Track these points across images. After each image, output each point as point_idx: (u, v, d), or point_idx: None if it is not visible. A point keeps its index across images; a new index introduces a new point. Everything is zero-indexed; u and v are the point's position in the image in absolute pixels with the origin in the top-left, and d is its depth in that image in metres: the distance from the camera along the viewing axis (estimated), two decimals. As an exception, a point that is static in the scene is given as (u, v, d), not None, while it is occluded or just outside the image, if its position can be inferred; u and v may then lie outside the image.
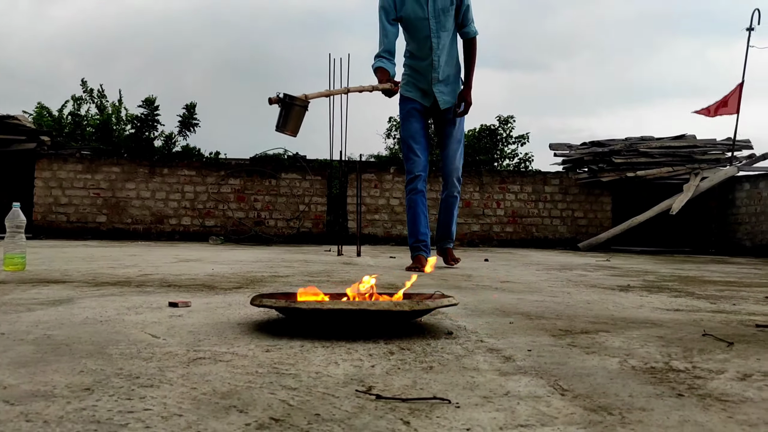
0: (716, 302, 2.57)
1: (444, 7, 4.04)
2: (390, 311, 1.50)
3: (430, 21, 4.04)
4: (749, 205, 9.37)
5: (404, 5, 4.03)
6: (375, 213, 10.24)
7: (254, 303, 1.63)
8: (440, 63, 4.13)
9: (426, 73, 4.17)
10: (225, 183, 10.04)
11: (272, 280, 3.17)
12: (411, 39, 4.15)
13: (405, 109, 4.27)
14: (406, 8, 4.03)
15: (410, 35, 4.14)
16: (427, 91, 4.21)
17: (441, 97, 4.20)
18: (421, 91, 4.23)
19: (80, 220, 9.72)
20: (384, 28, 4.03)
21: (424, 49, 4.11)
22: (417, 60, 4.17)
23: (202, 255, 5.54)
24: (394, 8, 4.03)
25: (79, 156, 9.91)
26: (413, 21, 4.05)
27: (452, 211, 4.42)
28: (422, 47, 4.11)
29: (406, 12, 4.04)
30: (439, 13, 4.03)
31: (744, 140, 10.14)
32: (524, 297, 2.59)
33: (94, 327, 1.62)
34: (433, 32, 4.06)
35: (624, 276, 4.03)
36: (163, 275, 3.27)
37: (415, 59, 4.18)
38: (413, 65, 4.21)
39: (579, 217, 10.57)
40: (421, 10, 4.02)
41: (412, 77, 4.24)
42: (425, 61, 4.14)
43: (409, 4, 4.02)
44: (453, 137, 4.32)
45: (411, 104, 4.24)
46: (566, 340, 1.59)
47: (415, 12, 4.02)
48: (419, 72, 4.19)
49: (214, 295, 2.42)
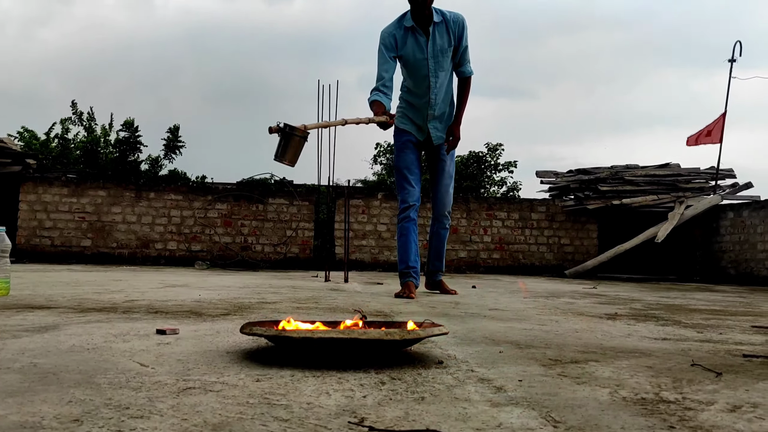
0: (703, 331, 2.58)
1: (443, 48, 4.10)
2: (381, 340, 1.49)
3: (429, 61, 4.10)
4: (733, 233, 9.47)
5: (405, 45, 4.09)
6: (362, 239, 10.23)
7: (244, 331, 1.62)
8: (437, 101, 4.20)
9: (422, 110, 4.24)
10: (212, 208, 10.01)
11: (260, 306, 3.15)
12: (409, 76, 4.22)
13: (401, 141, 4.33)
14: (406, 48, 4.09)
15: (409, 73, 4.20)
16: (422, 127, 4.28)
17: (435, 133, 4.30)
18: (416, 125, 4.30)
19: (64, 244, 9.63)
20: (381, 61, 4.08)
21: (421, 87, 4.18)
22: (414, 96, 4.24)
23: (189, 280, 5.50)
24: (394, 47, 4.09)
25: (64, 179, 9.85)
26: (412, 60, 4.12)
27: (443, 243, 4.51)
28: (420, 85, 4.18)
29: (405, 51, 4.10)
30: (438, 53, 4.10)
31: (727, 169, 10.28)
32: (513, 325, 2.59)
33: (82, 355, 1.60)
34: (432, 72, 4.13)
35: (611, 304, 4.05)
36: (149, 301, 3.24)
37: (412, 95, 4.25)
38: (410, 100, 4.28)
39: (566, 244, 10.62)
40: (421, 51, 4.09)
41: (408, 111, 4.31)
42: (422, 99, 4.21)
43: (409, 44, 4.08)
44: (445, 172, 4.39)
45: (407, 136, 4.31)
46: (556, 369, 1.59)
47: (415, 52, 4.09)
48: (415, 108, 4.26)
49: (202, 322, 2.40)
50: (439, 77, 4.16)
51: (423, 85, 4.17)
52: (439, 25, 4.09)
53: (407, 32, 4.09)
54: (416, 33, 4.08)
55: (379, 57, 4.09)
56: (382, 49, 4.09)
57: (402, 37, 4.09)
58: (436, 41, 4.08)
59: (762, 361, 1.82)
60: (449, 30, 4.11)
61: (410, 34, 4.08)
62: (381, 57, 4.08)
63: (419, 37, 4.08)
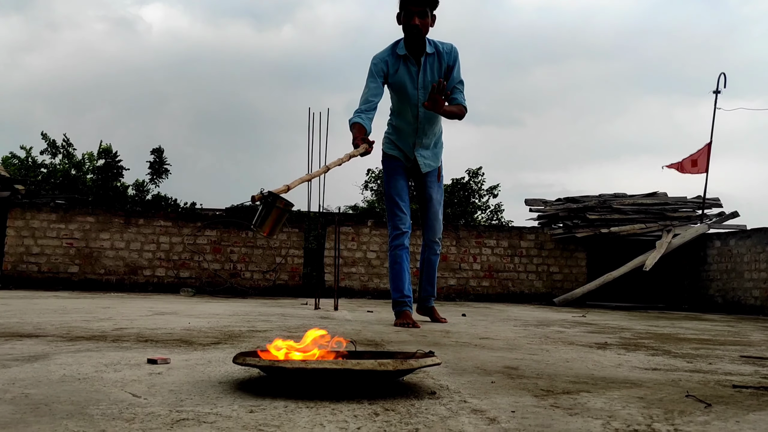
0: (693, 361, 2.60)
1: (433, 79, 4.07)
2: (374, 371, 1.50)
3: (418, 91, 4.09)
4: (720, 262, 9.54)
5: (396, 73, 4.08)
6: (352, 266, 10.22)
7: (237, 361, 1.62)
8: (424, 131, 4.21)
9: (408, 137, 4.24)
10: (201, 234, 9.99)
11: (250, 335, 3.14)
12: (398, 103, 4.21)
13: (390, 167, 4.32)
14: (397, 76, 4.08)
15: (398, 100, 4.19)
16: (408, 155, 4.30)
17: (422, 161, 4.30)
18: (403, 152, 4.31)
19: (51, 270, 9.55)
20: (369, 85, 4.02)
21: (409, 115, 4.18)
22: (402, 122, 4.24)
23: (178, 308, 5.47)
24: (385, 73, 4.06)
25: (53, 205, 9.81)
26: (402, 89, 4.11)
27: (434, 269, 4.51)
28: (408, 113, 4.18)
29: (396, 79, 4.09)
30: (428, 84, 4.07)
31: (713, 198, 10.40)
32: (504, 354, 2.60)
33: (73, 385, 1.59)
34: (420, 102, 4.10)
35: (601, 333, 4.06)
36: (139, 329, 3.22)
37: (400, 121, 4.25)
38: (397, 126, 4.28)
39: (554, 272, 10.66)
40: (411, 81, 4.08)
41: (395, 137, 4.31)
42: (410, 126, 4.21)
43: (400, 73, 4.07)
44: (434, 199, 4.39)
45: (396, 162, 4.31)
46: (549, 400, 1.60)
47: (405, 81, 4.08)
48: (402, 134, 4.26)
49: (193, 351, 2.39)
50: None
51: (411, 114, 4.17)
52: (431, 56, 4.08)
53: (399, 60, 4.07)
54: (408, 62, 4.07)
55: (369, 81, 4.02)
56: (373, 73, 4.03)
57: (393, 64, 4.07)
58: (426, 72, 4.08)
59: (752, 392, 1.84)
60: (441, 62, 4.10)
61: (402, 62, 4.07)
62: (371, 81, 4.02)
63: (411, 66, 4.07)
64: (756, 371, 2.35)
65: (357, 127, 3.89)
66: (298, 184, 3.29)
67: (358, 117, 3.94)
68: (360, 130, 3.87)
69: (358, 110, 3.96)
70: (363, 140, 3.78)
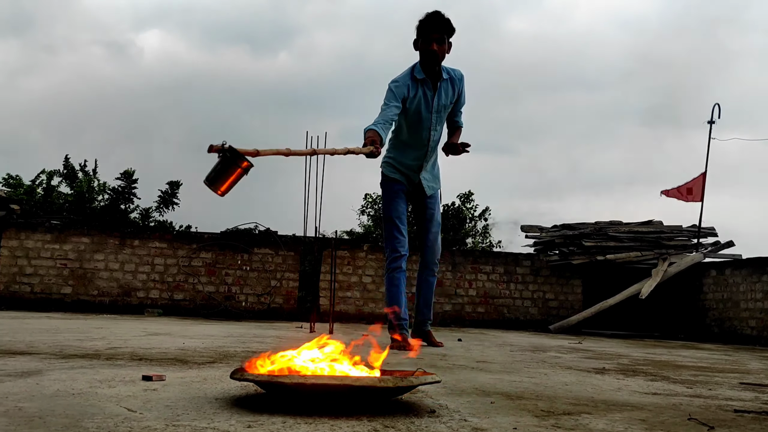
0: (692, 387, 2.58)
1: (446, 104, 4.16)
2: (374, 387, 1.48)
3: (432, 115, 4.13)
4: (716, 291, 9.53)
5: (415, 98, 4.08)
6: (347, 290, 10.17)
7: (234, 377, 1.59)
8: (431, 154, 4.26)
9: (415, 161, 4.24)
10: (196, 256, 9.94)
11: (245, 355, 3.11)
12: (408, 128, 4.19)
13: (391, 190, 4.30)
14: (415, 100, 4.08)
15: (408, 125, 4.17)
16: (413, 178, 4.29)
17: (426, 183, 4.31)
18: (406, 176, 4.29)
19: (44, 291, 9.48)
20: (389, 104, 3.97)
21: (419, 140, 4.19)
22: (409, 147, 4.23)
23: (172, 329, 5.42)
24: (405, 97, 4.03)
25: (48, 225, 9.76)
26: (416, 113, 4.11)
27: (432, 291, 4.46)
28: (418, 139, 4.19)
29: (413, 104, 4.08)
30: (441, 108, 4.14)
31: (709, 227, 10.42)
32: (502, 377, 2.58)
33: (67, 400, 1.57)
34: (433, 126, 4.15)
35: (598, 359, 4.03)
36: (132, 348, 3.18)
37: (406, 146, 4.24)
38: (403, 150, 4.25)
39: (550, 298, 10.62)
40: (426, 105, 4.10)
41: (398, 162, 4.28)
42: (419, 151, 4.21)
43: (419, 98, 4.09)
44: (434, 220, 4.40)
45: (397, 185, 4.29)
46: (550, 420, 1.58)
47: (420, 106, 4.09)
48: (408, 157, 4.25)
49: (188, 369, 2.36)
50: (437, 131, 4.21)
51: (422, 138, 4.18)
52: (445, 81, 4.14)
53: (417, 84, 4.09)
54: (425, 86, 4.09)
55: (389, 101, 3.98)
56: (395, 95, 4.00)
57: (413, 88, 4.08)
58: (441, 97, 4.13)
59: (753, 417, 1.82)
60: (454, 88, 4.18)
61: (420, 86, 4.09)
62: (392, 101, 3.97)
63: (428, 91, 4.10)
64: (756, 397, 2.33)
65: (372, 132, 3.85)
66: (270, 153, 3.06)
67: (374, 125, 3.88)
68: (374, 134, 3.83)
69: (376, 122, 3.91)
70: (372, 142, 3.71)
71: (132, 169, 10.95)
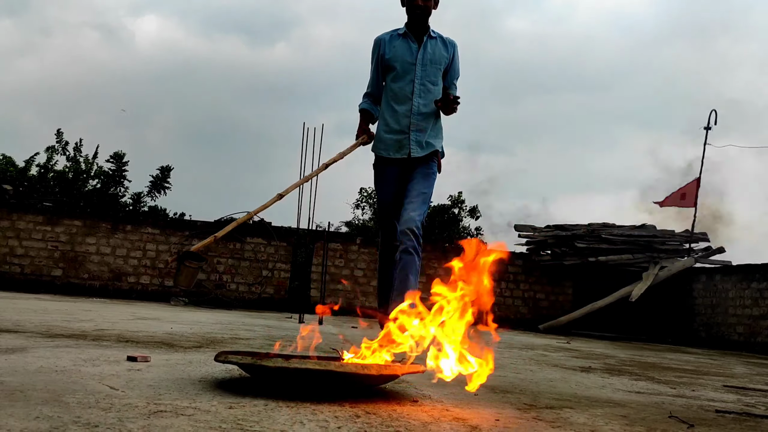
0: (676, 387, 2.59)
1: (433, 59, 3.97)
2: (357, 374, 1.48)
3: (416, 66, 3.95)
4: (705, 296, 9.57)
5: (393, 48, 3.97)
6: (339, 282, 10.17)
7: (219, 359, 1.59)
8: (419, 109, 3.93)
9: (403, 119, 3.93)
10: (189, 243, 9.90)
11: (233, 341, 3.11)
12: (393, 81, 3.99)
13: (380, 172, 4.05)
14: (395, 50, 3.97)
15: (393, 78, 3.99)
16: (402, 141, 3.93)
17: (415, 146, 3.91)
18: (396, 140, 3.94)
19: (35, 272, 9.44)
20: (372, 72, 4.03)
21: (404, 92, 3.95)
22: (396, 102, 3.97)
23: (161, 314, 5.41)
24: (379, 54, 3.99)
25: (40, 207, 9.72)
26: (400, 63, 3.96)
27: (407, 272, 3.68)
28: (403, 90, 3.95)
29: (394, 54, 3.97)
30: (428, 62, 3.96)
31: (701, 233, 10.45)
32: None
33: (50, 376, 1.56)
34: (417, 78, 3.95)
35: (585, 358, 4.05)
36: (120, 331, 3.18)
37: (394, 101, 3.98)
38: (392, 111, 3.97)
39: (541, 298, 10.64)
40: (410, 56, 3.96)
41: (386, 125, 3.99)
42: (404, 105, 3.95)
43: (398, 47, 3.97)
44: (415, 189, 3.88)
45: (389, 168, 3.99)
46: (531, 413, 1.58)
47: (404, 55, 3.97)
48: (396, 116, 3.95)
49: (174, 352, 2.36)
50: (425, 86, 3.96)
51: (406, 91, 3.96)
52: (434, 39, 4.02)
53: (399, 38, 3.99)
54: (408, 38, 3.99)
55: (372, 67, 4.06)
56: (372, 59, 4.05)
57: (390, 41, 3.99)
58: (427, 51, 3.98)
59: (734, 417, 1.83)
60: (446, 48, 4.03)
61: (402, 39, 3.99)
62: (372, 68, 4.06)
63: (411, 43, 3.98)
64: (739, 399, 2.35)
65: (363, 114, 3.92)
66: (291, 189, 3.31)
67: (365, 102, 3.97)
68: (367, 116, 3.90)
69: (366, 93, 4.02)
70: (365, 131, 3.84)
71: (122, 151, 10.90)
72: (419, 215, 3.75)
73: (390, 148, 3.98)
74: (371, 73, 4.08)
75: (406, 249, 3.67)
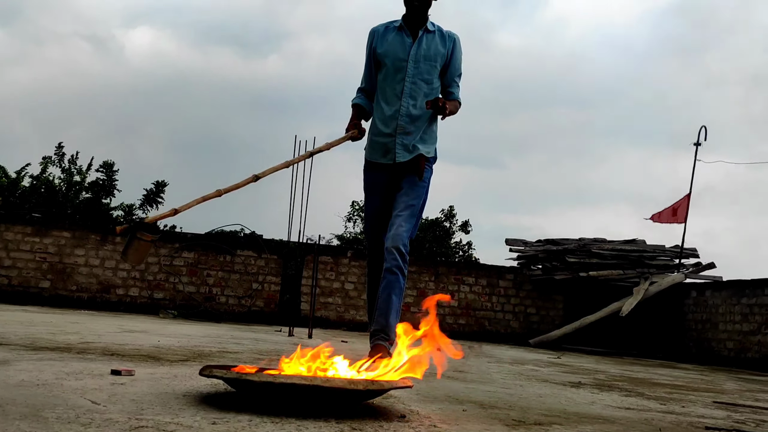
0: (666, 403, 2.58)
1: (428, 55, 3.66)
2: (344, 389, 1.46)
3: (408, 63, 3.64)
4: (696, 312, 9.59)
5: (385, 41, 3.69)
6: (329, 296, 10.12)
7: (203, 373, 1.57)
8: (408, 110, 3.63)
9: (391, 121, 3.65)
10: (179, 255, 9.86)
11: (220, 355, 3.08)
12: (383, 79, 3.71)
13: (368, 182, 3.80)
14: (386, 44, 3.69)
15: (384, 76, 3.71)
16: (388, 145, 3.65)
17: (399, 149, 3.63)
18: (382, 144, 3.67)
19: (22, 284, 9.35)
20: (365, 65, 3.78)
21: (394, 92, 3.66)
22: (384, 104, 3.70)
23: (149, 327, 5.36)
24: (371, 47, 3.74)
25: (29, 218, 9.65)
26: (391, 58, 3.66)
27: (390, 294, 3.43)
28: (393, 90, 3.66)
29: (385, 48, 3.68)
30: (421, 59, 3.65)
31: (691, 248, 10.49)
32: (476, 386, 2.56)
33: (31, 390, 1.53)
34: (409, 76, 3.64)
35: (575, 373, 4.03)
36: (105, 344, 3.14)
37: (383, 104, 3.71)
38: (381, 112, 3.71)
39: (531, 313, 10.63)
40: (403, 51, 3.66)
41: (375, 128, 3.73)
42: (392, 107, 3.66)
43: (391, 40, 3.69)
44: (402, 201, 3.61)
45: (374, 176, 3.75)
46: (520, 430, 1.57)
47: (396, 50, 3.67)
48: (383, 123, 3.68)
49: (160, 366, 2.33)
50: (417, 84, 3.65)
51: (396, 90, 3.66)
52: (431, 33, 3.69)
53: (394, 31, 3.69)
54: (403, 32, 3.68)
55: (365, 61, 3.80)
56: (368, 45, 3.77)
57: (383, 34, 3.71)
58: (422, 46, 3.66)
59: (724, 434, 1.82)
60: (444, 43, 3.70)
61: (396, 32, 3.69)
62: (366, 62, 3.79)
63: (405, 37, 3.67)
64: (729, 416, 2.34)
65: (355, 109, 3.73)
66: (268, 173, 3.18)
67: (359, 97, 3.76)
68: (359, 112, 3.70)
69: (359, 88, 3.80)
70: (355, 125, 3.63)
71: (111, 160, 10.86)
72: (406, 231, 3.55)
73: (377, 152, 3.73)
74: (365, 67, 3.81)
75: (389, 269, 3.46)
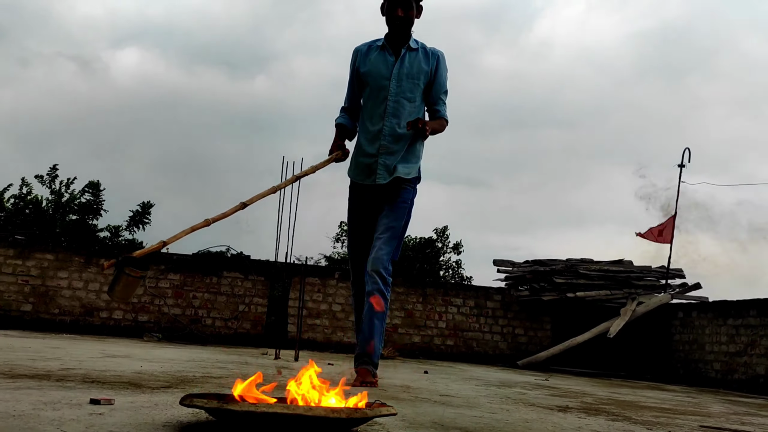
0: (652, 428, 2.56)
1: (410, 73, 3.63)
2: (326, 418, 1.44)
3: (391, 82, 3.60)
4: (683, 333, 9.61)
5: (368, 61, 3.67)
6: (316, 318, 10.06)
7: (184, 403, 1.54)
8: (391, 130, 3.61)
9: (373, 142, 3.64)
10: (164, 277, 9.77)
11: (204, 380, 3.03)
12: (367, 99, 3.71)
13: (352, 202, 3.78)
14: (369, 63, 3.67)
15: (367, 96, 3.71)
16: (371, 166, 3.63)
17: (383, 170, 3.60)
18: (366, 165, 3.66)
19: (3, 307, 9.21)
20: (348, 85, 3.80)
21: (377, 111, 3.64)
22: (368, 123, 3.68)
23: (132, 351, 5.28)
24: (354, 67, 3.74)
25: (12, 240, 9.55)
26: (374, 77, 3.65)
27: (372, 318, 3.46)
28: (375, 109, 3.64)
29: (368, 67, 3.66)
30: (404, 77, 3.61)
31: (677, 269, 10.54)
32: (463, 412, 2.54)
33: (5, 421, 1.49)
34: (391, 95, 3.60)
35: (562, 396, 4.01)
36: (86, 370, 3.09)
37: (366, 125, 3.70)
38: (365, 132, 3.71)
39: (519, 334, 10.61)
40: (386, 69, 3.63)
41: (359, 151, 3.73)
42: (375, 126, 3.63)
43: (374, 60, 3.66)
44: (383, 224, 3.59)
45: (358, 194, 3.74)
46: (506, 458, 1.54)
47: (379, 68, 3.64)
48: (366, 143, 3.68)
49: (141, 393, 2.29)
50: (400, 103, 3.62)
51: (379, 110, 3.63)
52: (414, 51, 3.67)
53: (377, 50, 3.68)
54: (386, 51, 3.66)
55: (349, 80, 3.81)
56: (351, 64, 3.78)
57: (366, 53, 3.70)
58: (404, 65, 3.63)
59: (711, 460, 1.81)
60: (428, 61, 3.68)
61: (379, 51, 3.68)
62: (349, 81, 3.81)
63: (388, 56, 3.65)
64: (716, 440, 2.32)
65: (338, 129, 3.71)
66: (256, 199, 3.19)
67: (342, 117, 3.77)
68: (342, 132, 3.69)
69: (343, 108, 3.81)
70: (339, 146, 3.63)
71: (97, 180, 10.83)
72: (386, 254, 3.50)
73: (360, 173, 3.71)
74: (348, 86, 3.82)
75: (371, 292, 3.45)
